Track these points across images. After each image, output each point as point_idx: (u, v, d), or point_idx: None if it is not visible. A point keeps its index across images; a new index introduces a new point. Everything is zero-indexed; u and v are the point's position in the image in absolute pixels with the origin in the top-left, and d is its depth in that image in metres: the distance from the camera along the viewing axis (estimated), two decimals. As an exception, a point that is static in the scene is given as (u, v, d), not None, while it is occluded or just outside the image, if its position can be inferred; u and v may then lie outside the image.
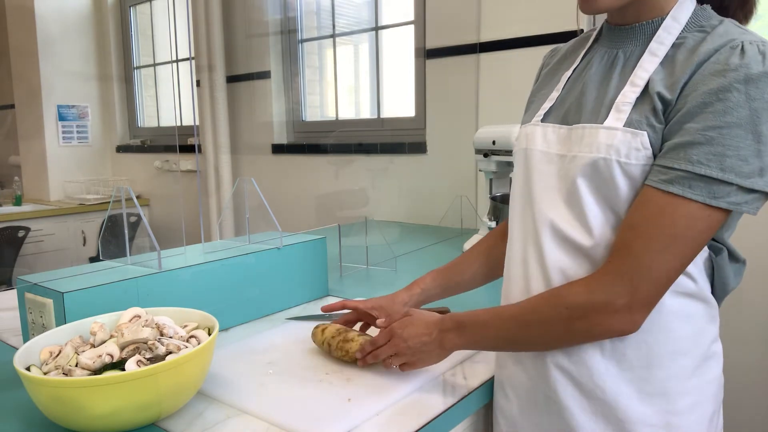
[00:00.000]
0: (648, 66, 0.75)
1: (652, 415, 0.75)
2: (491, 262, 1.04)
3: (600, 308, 0.72)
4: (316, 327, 1.02)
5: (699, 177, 0.67)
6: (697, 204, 0.68)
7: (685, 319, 0.76)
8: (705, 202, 0.67)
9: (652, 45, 0.75)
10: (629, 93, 0.74)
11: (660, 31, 0.75)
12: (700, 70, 0.69)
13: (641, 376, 0.76)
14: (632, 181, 0.72)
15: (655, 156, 0.71)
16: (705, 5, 0.77)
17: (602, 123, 0.75)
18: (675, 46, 0.74)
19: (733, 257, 0.79)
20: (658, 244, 0.69)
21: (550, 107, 0.85)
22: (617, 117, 0.74)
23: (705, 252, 0.76)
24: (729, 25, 0.73)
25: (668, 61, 0.74)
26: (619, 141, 0.72)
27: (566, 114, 0.82)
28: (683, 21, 0.75)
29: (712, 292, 0.79)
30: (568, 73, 0.87)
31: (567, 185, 0.78)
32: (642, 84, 0.74)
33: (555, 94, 0.86)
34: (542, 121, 0.85)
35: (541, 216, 0.81)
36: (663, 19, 0.76)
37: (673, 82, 0.71)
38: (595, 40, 0.87)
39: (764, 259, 1.72)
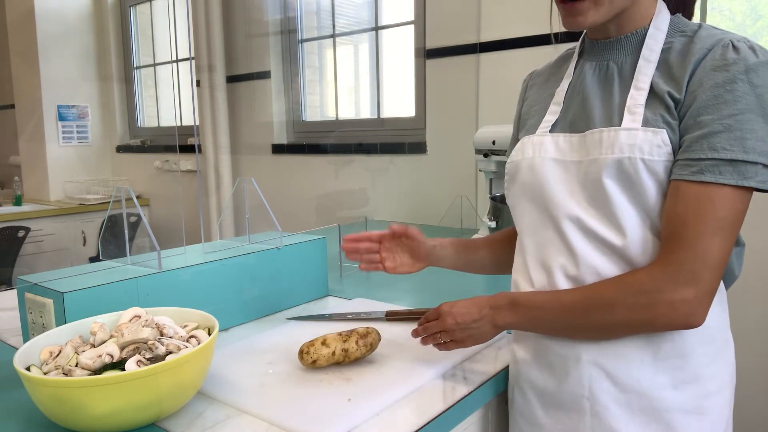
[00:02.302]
0: (647, 70, 0.79)
1: (686, 401, 0.79)
2: (495, 257, 1.06)
3: (667, 300, 0.72)
4: (304, 352, 0.94)
5: (726, 162, 0.71)
6: (730, 188, 0.71)
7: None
8: (737, 184, 0.71)
9: (644, 52, 0.81)
10: (637, 96, 0.78)
11: (648, 40, 0.81)
12: (699, 67, 0.75)
13: (675, 365, 0.79)
14: (656, 177, 0.75)
15: (674, 152, 0.75)
16: (677, 14, 0.84)
17: (620, 125, 0.78)
18: (664, 51, 0.80)
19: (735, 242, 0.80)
20: (708, 230, 0.71)
21: (555, 120, 0.88)
22: (632, 119, 0.77)
23: None
24: (709, 28, 0.79)
25: (662, 64, 0.79)
26: (641, 140, 0.75)
27: (572, 124, 0.85)
28: (664, 29, 0.81)
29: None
30: (564, 87, 0.90)
31: (590, 188, 0.79)
32: (646, 87, 0.78)
33: (556, 108, 0.89)
34: (550, 131, 0.87)
35: (568, 220, 0.81)
36: (646, 29, 0.82)
37: (676, 81, 0.76)
38: (579, 55, 0.91)
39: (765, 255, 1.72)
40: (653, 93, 0.77)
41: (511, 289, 0.93)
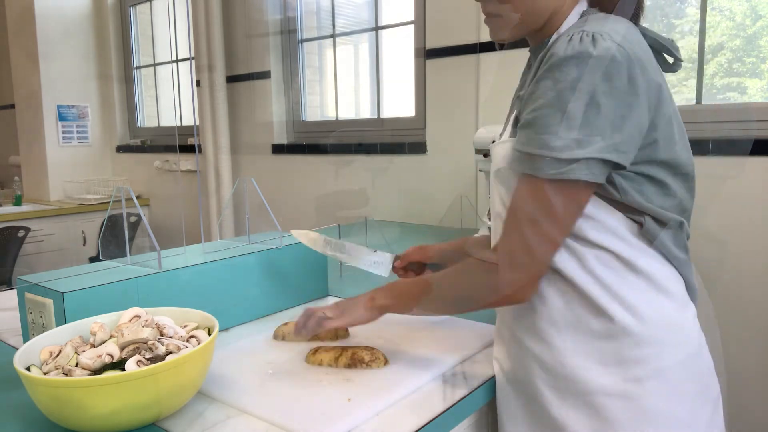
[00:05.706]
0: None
1: (609, 385, 0.79)
2: None
3: (494, 281, 0.81)
4: (312, 354, 0.98)
5: (525, 155, 0.76)
6: (533, 178, 0.75)
7: (630, 292, 0.79)
8: (533, 174, 0.75)
9: (543, 58, 0.81)
10: (517, 107, 0.84)
11: (551, 46, 0.80)
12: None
13: (597, 347, 0.80)
14: None
15: None
16: (591, 8, 0.83)
17: (501, 138, 0.87)
18: None
19: (659, 222, 0.80)
20: (518, 221, 0.78)
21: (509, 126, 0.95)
22: (509, 131, 0.85)
23: (633, 226, 0.79)
24: (582, 24, 0.78)
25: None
26: (508, 150, 0.82)
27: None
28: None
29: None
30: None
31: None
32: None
33: (509, 113, 0.95)
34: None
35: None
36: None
37: (528, 82, 0.81)
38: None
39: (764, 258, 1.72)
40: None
41: None
